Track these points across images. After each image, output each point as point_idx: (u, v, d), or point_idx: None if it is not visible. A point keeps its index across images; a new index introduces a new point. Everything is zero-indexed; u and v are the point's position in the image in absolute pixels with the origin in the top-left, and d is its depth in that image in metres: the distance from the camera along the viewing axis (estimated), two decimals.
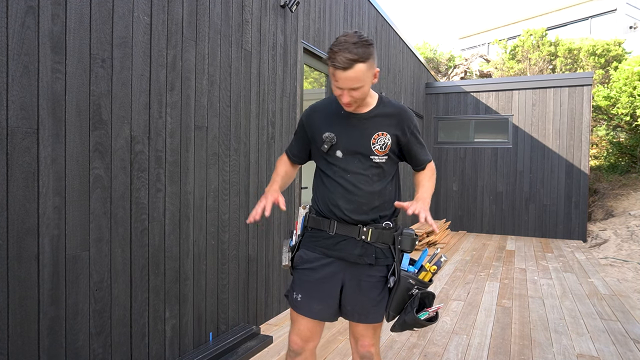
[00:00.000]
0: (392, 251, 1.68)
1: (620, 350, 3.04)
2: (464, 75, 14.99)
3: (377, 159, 1.66)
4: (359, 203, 1.65)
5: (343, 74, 1.49)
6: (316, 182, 1.77)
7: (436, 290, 4.53)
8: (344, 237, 1.67)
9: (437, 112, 8.86)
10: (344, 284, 1.70)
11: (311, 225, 1.74)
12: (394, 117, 1.68)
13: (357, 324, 1.72)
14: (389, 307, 1.65)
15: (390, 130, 1.67)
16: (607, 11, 15.77)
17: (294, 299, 1.74)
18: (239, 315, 3.10)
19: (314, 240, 1.73)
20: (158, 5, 2.35)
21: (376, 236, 1.65)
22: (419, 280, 1.62)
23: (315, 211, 1.75)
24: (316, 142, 1.73)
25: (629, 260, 6.00)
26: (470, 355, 2.95)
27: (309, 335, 1.74)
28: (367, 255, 1.66)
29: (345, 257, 1.67)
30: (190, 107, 2.60)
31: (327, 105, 1.75)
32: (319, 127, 1.72)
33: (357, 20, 5.18)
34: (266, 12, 3.35)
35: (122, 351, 2.18)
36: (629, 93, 9.08)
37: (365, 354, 1.74)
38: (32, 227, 1.77)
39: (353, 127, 1.67)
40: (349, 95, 1.55)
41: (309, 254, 1.72)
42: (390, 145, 1.67)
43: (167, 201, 2.44)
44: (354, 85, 1.51)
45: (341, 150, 1.67)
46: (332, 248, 1.68)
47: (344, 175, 1.66)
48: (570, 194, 7.84)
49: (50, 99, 1.82)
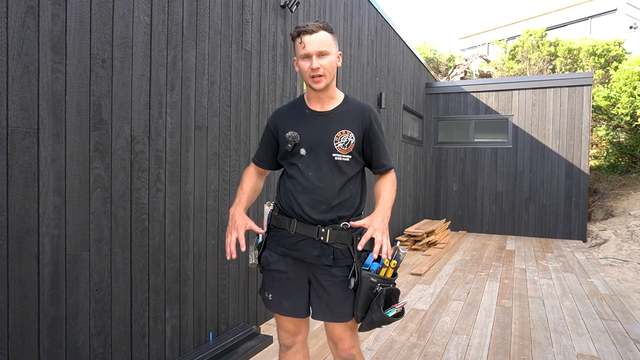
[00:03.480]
0: (352, 251, 1.65)
1: (620, 350, 3.04)
2: (464, 76, 14.99)
3: (339, 156, 1.66)
4: (318, 201, 1.65)
5: (310, 37, 1.58)
6: (280, 180, 1.79)
7: (436, 290, 4.53)
8: (303, 237, 1.67)
9: (437, 112, 8.86)
10: (310, 281, 1.72)
11: (274, 224, 1.75)
12: (359, 115, 1.69)
13: (332, 326, 1.71)
14: (355, 307, 1.62)
15: (354, 129, 1.68)
16: (607, 11, 15.77)
17: (266, 297, 1.77)
18: (239, 315, 3.10)
19: (276, 239, 1.74)
20: (158, 5, 2.35)
21: (334, 237, 1.64)
22: (380, 277, 1.60)
23: (278, 209, 1.76)
24: (282, 142, 1.74)
25: (629, 260, 6.00)
26: (470, 355, 2.95)
27: (295, 329, 1.78)
28: (325, 256, 1.65)
29: (303, 257, 1.68)
30: (190, 107, 2.60)
31: (291, 107, 1.78)
32: (284, 127, 1.73)
33: (357, 20, 5.18)
34: (266, 12, 3.35)
35: (122, 351, 2.18)
36: (629, 93, 9.08)
37: (347, 357, 1.72)
38: (32, 227, 1.77)
39: (317, 125, 1.68)
40: (317, 62, 1.59)
41: (273, 254, 1.74)
42: (354, 144, 1.68)
43: (167, 201, 2.44)
44: (321, 48, 1.58)
45: (304, 147, 1.68)
46: (292, 248, 1.69)
47: (305, 174, 1.67)
48: (570, 194, 7.84)
49: (51, 99, 1.82)
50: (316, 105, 1.71)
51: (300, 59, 1.62)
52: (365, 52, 5.44)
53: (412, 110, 7.79)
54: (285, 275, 1.72)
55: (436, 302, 4.12)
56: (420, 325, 3.49)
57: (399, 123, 6.95)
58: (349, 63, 4.94)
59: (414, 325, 3.49)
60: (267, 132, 1.82)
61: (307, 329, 1.82)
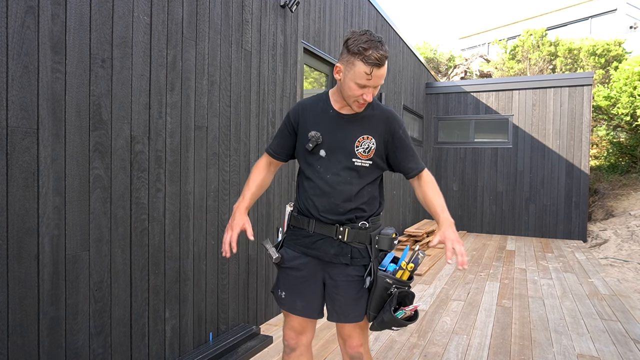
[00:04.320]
0: (369, 251, 1.67)
1: (621, 351, 3.04)
2: (464, 75, 14.99)
3: (359, 162, 1.65)
4: (335, 204, 1.64)
5: (378, 71, 1.51)
6: (299, 180, 1.78)
7: (436, 290, 4.53)
8: (321, 236, 1.67)
9: (437, 112, 8.85)
10: (324, 282, 1.72)
11: (292, 224, 1.76)
12: (382, 121, 1.67)
13: (343, 324, 1.72)
14: (368, 307, 1.63)
15: (376, 135, 1.66)
16: (607, 11, 15.77)
17: (279, 295, 1.77)
18: (239, 315, 3.10)
19: (294, 238, 1.74)
20: (158, 5, 2.35)
21: (352, 236, 1.65)
22: (396, 279, 1.60)
23: (297, 209, 1.76)
24: (302, 139, 1.72)
25: (629, 260, 6.00)
26: (470, 355, 2.95)
27: (301, 329, 1.77)
28: (343, 254, 1.66)
29: (320, 256, 1.68)
30: (190, 107, 2.60)
31: (314, 104, 1.74)
32: (306, 124, 1.71)
33: (357, 20, 5.18)
34: (266, 12, 3.35)
35: (122, 351, 2.18)
36: (629, 93, 9.07)
37: (354, 354, 1.74)
38: (32, 227, 1.77)
39: (339, 127, 1.66)
40: (371, 94, 1.56)
41: (290, 252, 1.74)
42: (375, 150, 1.66)
43: (167, 201, 2.44)
44: (382, 82, 1.55)
45: (325, 149, 1.66)
46: (310, 247, 1.69)
47: (324, 176, 1.66)
48: (570, 194, 7.84)
49: (50, 99, 1.82)
50: (342, 107, 1.68)
51: (355, 81, 1.54)
52: None
53: (412, 110, 7.79)
54: (301, 273, 1.71)
55: (436, 302, 4.12)
56: (420, 326, 3.49)
57: None
58: None
59: (414, 325, 3.49)
60: (287, 124, 1.78)
61: (313, 331, 1.81)
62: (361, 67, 1.51)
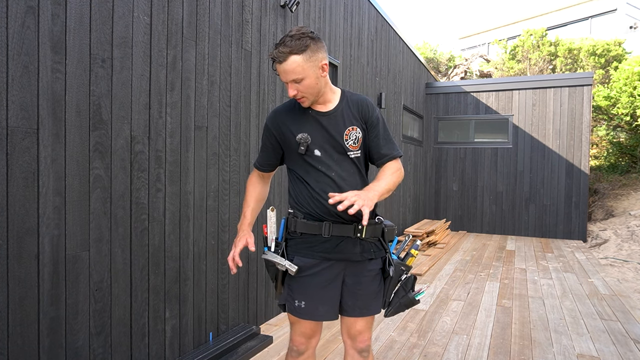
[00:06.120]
0: (383, 243, 1.73)
1: (621, 351, 3.04)
2: (464, 75, 14.99)
3: (352, 154, 1.66)
4: None
5: (280, 66, 1.55)
6: (296, 185, 1.71)
7: (436, 290, 4.53)
8: (341, 237, 1.66)
9: (437, 112, 8.85)
10: (344, 282, 1.72)
11: (302, 231, 1.67)
12: (356, 108, 1.68)
13: (355, 321, 1.73)
14: (386, 295, 1.73)
15: (357, 123, 1.67)
16: (607, 11, 15.77)
17: (297, 306, 1.69)
18: (239, 315, 3.10)
19: (308, 245, 1.68)
20: (158, 5, 2.35)
21: (371, 231, 1.68)
22: (407, 266, 1.73)
23: (303, 215, 1.68)
24: (290, 145, 1.68)
25: (629, 260, 6.00)
26: (470, 355, 2.95)
27: (312, 333, 1.77)
28: (367, 251, 1.70)
29: (348, 257, 1.67)
30: (190, 107, 2.60)
31: (290, 108, 1.72)
32: (289, 129, 1.67)
33: (357, 20, 5.18)
34: (266, 12, 3.35)
35: (122, 351, 2.18)
36: (629, 93, 9.07)
37: (364, 348, 1.77)
38: (32, 227, 1.77)
39: (323, 125, 1.65)
40: (293, 88, 1.57)
41: (306, 260, 1.67)
42: (362, 139, 1.68)
43: (167, 201, 2.44)
44: (292, 77, 1.54)
45: (318, 148, 1.65)
46: (333, 251, 1.66)
47: (329, 174, 1.64)
48: (570, 194, 7.84)
49: (50, 99, 1.82)
50: (316, 106, 1.68)
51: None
52: (365, 52, 5.44)
53: (412, 110, 7.79)
54: (323, 278, 1.68)
55: (436, 302, 4.12)
56: (420, 326, 3.49)
57: (399, 123, 6.95)
58: (349, 63, 4.94)
59: (414, 325, 3.49)
60: (268, 136, 1.75)
61: (320, 332, 1.82)
62: None
